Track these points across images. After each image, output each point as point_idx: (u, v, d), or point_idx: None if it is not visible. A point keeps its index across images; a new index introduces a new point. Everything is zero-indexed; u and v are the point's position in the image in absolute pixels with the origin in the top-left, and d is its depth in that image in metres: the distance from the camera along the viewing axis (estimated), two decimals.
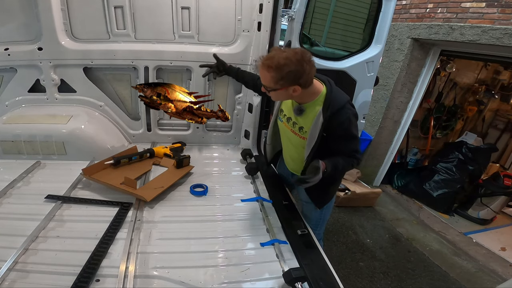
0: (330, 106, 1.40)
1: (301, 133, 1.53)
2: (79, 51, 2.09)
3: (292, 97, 1.43)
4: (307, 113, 1.48)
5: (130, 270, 1.16)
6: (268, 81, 1.34)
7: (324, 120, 1.40)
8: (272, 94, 1.40)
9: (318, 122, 1.43)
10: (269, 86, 1.36)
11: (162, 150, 2.14)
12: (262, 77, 1.37)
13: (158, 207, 1.63)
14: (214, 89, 2.43)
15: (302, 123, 1.51)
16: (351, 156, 1.51)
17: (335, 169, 1.44)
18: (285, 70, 1.28)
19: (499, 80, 4.75)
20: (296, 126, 1.55)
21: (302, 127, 1.52)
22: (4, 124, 1.98)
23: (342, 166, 1.50)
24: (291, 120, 1.57)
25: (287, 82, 1.31)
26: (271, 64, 1.29)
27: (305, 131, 1.51)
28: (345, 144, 1.49)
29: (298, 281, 1.15)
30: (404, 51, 3.72)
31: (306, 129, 1.50)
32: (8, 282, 1.08)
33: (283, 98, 1.48)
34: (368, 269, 2.81)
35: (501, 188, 3.78)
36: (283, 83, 1.32)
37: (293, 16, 2.28)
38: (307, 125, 1.49)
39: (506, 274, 2.92)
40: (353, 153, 1.51)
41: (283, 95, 1.40)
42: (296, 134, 1.56)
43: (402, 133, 4.16)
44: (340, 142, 1.47)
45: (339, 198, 3.65)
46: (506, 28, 2.75)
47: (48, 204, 1.53)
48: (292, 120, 1.56)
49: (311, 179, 1.37)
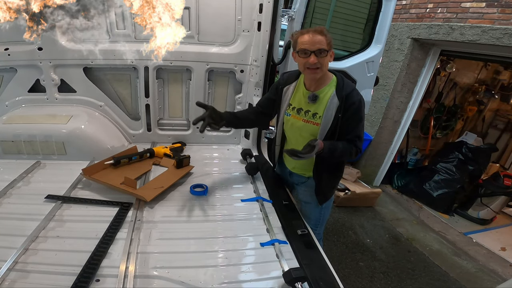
0: (344, 87, 1.53)
1: (315, 119, 1.58)
2: (79, 51, 2.09)
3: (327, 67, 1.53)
4: (321, 99, 1.56)
5: (130, 270, 1.16)
6: (324, 43, 1.46)
7: (339, 101, 1.51)
8: (324, 58, 1.48)
9: (332, 103, 1.52)
10: (325, 48, 1.46)
11: (162, 150, 2.14)
12: (318, 41, 1.45)
13: (158, 207, 1.63)
14: (214, 89, 2.42)
15: (315, 109, 1.58)
16: (353, 142, 1.58)
17: (332, 152, 1.53)
18: (329, 34, 1.47)
19: (499, 80, 4.75)
20: (309, 113, 1.60)
21: (316, 113, 1.58)
22: (4, 124, 1.98)
23: (341, 151, 1.56)
24: (302, 110, 1.62)
25: (332, 45, 1.49)
26: (322, 29, 1.47)
27: (319, 116, 1.57)
28: (352, 127, 1.56)
29: (298, 281, 1.14)
30: (404, 51, 3.72)
31: (320, 114, 1.57)
32: (8, 282, 1.07)
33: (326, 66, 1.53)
34: (368, 269, 2.81)
35: (501, 188, 3.78)
36: (331, 46, 1.48)
37: (293, 16, 2.28)
38: (321, 110, 1.56)
39: (506, 274, 2.92)
40: (355, 139, 1.57)
41: (328, 59, 1.50)
42: (309, 122, 1.61)
43: (402, 133, 4.16)
44: (348, 123, 1.54)
45: (339, 198, 3.65)
46: (506, 28, 2.75)
47: (48, 204, 1.52)
48: (304, 110, 1.62)
49: (303, 155, 1.44)
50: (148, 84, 2.28)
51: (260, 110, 1.82)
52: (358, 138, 1.58)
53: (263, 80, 2.27)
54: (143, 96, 2.31)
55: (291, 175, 1.90)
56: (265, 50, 2.19)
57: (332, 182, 1.80)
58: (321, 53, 1.45)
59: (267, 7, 2.09)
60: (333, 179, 1.79)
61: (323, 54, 1.46)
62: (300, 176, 1.82)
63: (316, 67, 1.47)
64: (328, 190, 1.81)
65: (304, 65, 1.50)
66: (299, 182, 1.85)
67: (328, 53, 1.48)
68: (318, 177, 1.72)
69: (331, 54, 1.51)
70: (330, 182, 1.78)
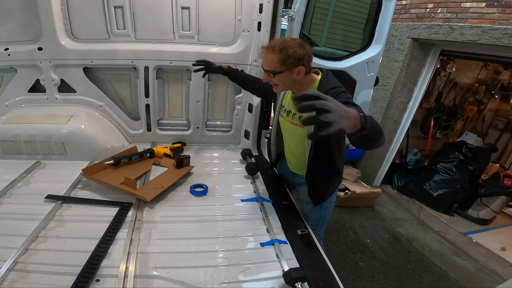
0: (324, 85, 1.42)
1: (300, 122, 1.55)
2: (79, 51, 2.09)
3: (295, 82, 1.44)
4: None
5: (130, 270, 1.16)
6: (274, 63, 1.36)
7: None
8: (277, 78, 1.40)
9: None
10: (275, 69, 1.38)
11: (162, 150, 2.14)
12: (267, 62, 1.38)
13: (158, 207, 1.63)
14: (214, 89, 2.42)
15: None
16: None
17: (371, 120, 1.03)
18: (289, 51, 1.33)
19: (499, 80, 4.76)
20: (295, 116, 1.58)
21: (301, 115, 1.54)
22: (4, 124, 1.98)
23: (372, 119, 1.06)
24: (291, 112, 1.61)
25: (292, 63, 1.35)
26: (276, 46, 1.34)
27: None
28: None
29: (298, 281, 1.14)
30: (404, 51, 3.72)
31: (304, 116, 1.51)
32: (8, 282, 1.07)
33: (287, 83, 1.46)
34: (368, 269, 2.81)
35: (501, 188, 3.78)
36: (288, 64, 1.35)
37: (293, 16, 2.28)
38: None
39: (506, 274, 2.92)
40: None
41: (288, 78, 1.41)
42: (296, 125, 1.59)
43: (402, 133, 4.16)
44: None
45: (339, 198, 3.65)
46: (506, 28, 2.75)
47: (48, 204, 1.52)
48: (292, 112, 1.60)
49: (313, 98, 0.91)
50: (148, 84, 2.27)
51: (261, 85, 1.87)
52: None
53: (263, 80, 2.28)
54: (143, 96, 2.31)
55: (293, 175, 1.89)
56: None
57: (327, 183, 1.74)
58: (271, 74, 1.40)
59: (267, 7, 2.09)
60: (327, 180, 1.74)
61: (273, 74, 1.40)
62: (301, 177, 1.81)
63: (275, 84, 1.45)
64: (324, 191, 1.77)
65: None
66: (301, 182, 1.85)
67: (281, 73, 1.37)
68: (310, 177, 1.69)
69: (298, 71, 1.37)
70: (324, 183, 1.73)
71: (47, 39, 2.01)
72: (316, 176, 1.68)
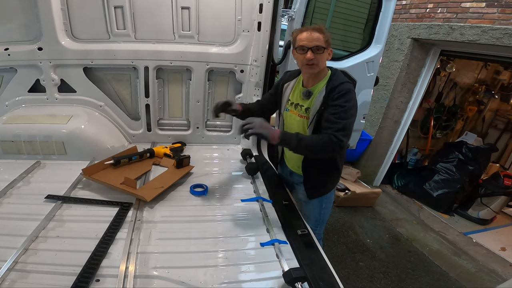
0: (333, 80, 1.55)
1: (306, 113, 1.62)
2: (79, 51, 2.09)
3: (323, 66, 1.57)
4: (314, 95, 1.59)
5: (130, 270, 1.16)
6: (321, 40, 1.49)
7: (325, 93, 1.53)
8: (320, 55, 1.51)
9: (320, 96, 1.54)
10: (322, 45, 1.50)
11: (162, 150, 2.14)
12: (315, 39, 1.49)
13: (158, 207, 1.63)
14: (214, 89, 2.42)
15: (308, 104, 1.62)
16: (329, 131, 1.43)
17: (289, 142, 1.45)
18: (328, 34, 1.52)
19: (499, 80, 4.76)
20: (302, 108, 1.64)
21: (308, 107, 1.61)
22: (4, 124, 1.98)
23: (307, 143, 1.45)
24: (298, 105, 1.67)
25: (330, 44, 1.53)
26: (321, 28, 1.51)
27: (310, 110, 1.60)
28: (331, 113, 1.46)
29: (298, 281, 1.14)
30: (404, 51, 3.72)
31: (311, 108, 1.60)
32: (8, 282, 1.07)
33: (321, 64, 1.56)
34: (368, 269, 2.81)
35: (501, 188, 3.78)
36: (328, 44, 1.52)
37: (293, 16, 2.28)
38: (312, 104, 1.59)
39: (506, 274, 2.92)
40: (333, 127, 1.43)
41: (325, 57, 1.54)
42: (302, 117, 1.64)
43: (402, 133, 4.16)
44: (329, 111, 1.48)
45: (339, 198, 3.66)
46: (506, 28, 2.75)
47: (48, 204, 1.52)
48: (300, 104, 1.66)
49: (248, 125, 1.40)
50: (148, 84, 2.28)
51: (264, 103, 1.90)
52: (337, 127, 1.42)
53: (263, 80, 2.28)
54: (143, 96, 2.31)
55: (291, 174, 1.90)
56: (265, 50, 2.19)
57: (323, 178, 1.78)
58: (318, 50, 1.49)
59: (267, 7, 2.10)
60: (323, 176, 1.77)
61: (320, 51, 1.50)
62: (299, 176, 1.82)
63: (313, 63, 1.51)
64: (320, 186, 1.80)
65: (302, 62, 1.54)
66: (299, 181, 1.85)
67: (325, 50, 1.51)
68: (305, 171, 1.76)
69: (329, 52, 1.55)
70: (320, 178, 1.77)
71: (47, 39, 2.01)
72: (309, 169, 1.74)
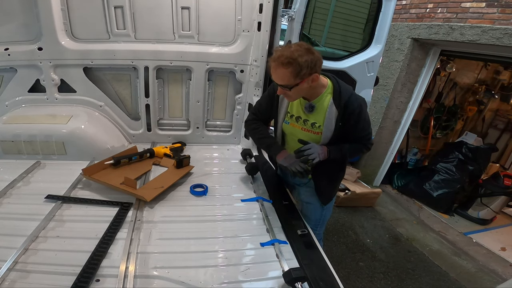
0: (340, 94, 1.44)
1: (314, 128, 1.56)
2: (79, 51, 2.09)
3: (309, 89, 1.41)
4: (318, 108, 1.51)
5: (130, 270, 1.16)
6: (287, 78, 1.30)
7: (337, 109, 1.45)
8: (293, 92, 1.36)
9: (331, 113, 1.47)
10: (289, 84, 1.32)
11: (162, 150, 2.14)
12: (280, 77, 1.32)
13: (158, 207, 1.63)
14: (214, 89, 2.42)
15: (314, 119, 1.54)
16: (361, 141, 1.59)
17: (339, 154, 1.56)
18: (300, 61, 1.26)
19: (499, 80, 4.76)
20: (308, 123, 1.57)
21: (314, 122, 1.54)
22: (4, 124, 1.98)
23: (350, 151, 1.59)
24: (301, 119, 1.58)
25: (307, 72, 1.29)
26: (285, 60, 1.27)
27: (318, 126, 1.54)
28: (359, 129, 1.54)
29: (298, 281, 1.14)
30: (404, 51, 3.72)
31: (319, 123, 1.53)
32: (8, 282, 1.07)
33: (303, 94, 1.44)
34: (368, 269, 2.81)
35: (501, 188, 3.78)
36: (302, 75, 1.30)
37: (293, 16, 2.28)
38: (320, 119, 1.52)
39: (506, 274, 2.92)
40: (364, 138, 1.59)
41: (303, 89, 1.38)
42: (309, 131, 1.58)
43: (402, 133, 4.16)
44: (354, 129, 1.52)
45: (339, 198, 3.65)
46: (506, 28, 2.75)
47: (48, 204, 1.52)
48: (303, 118, 1.57)
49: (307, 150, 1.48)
50: (148, 84, 2.27)
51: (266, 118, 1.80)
52: (367, 137, 1.59)
53: (263, 80, 2.28)
54: (143, 96, 2.31)
55: (294, 177, 1.89)
56: (265, 50, 2.19)
57: (334, 182, 1.80)
58: (285, 88, 1.36)
59: (267, 7, 2.09)
60: (334, 180, 1.79)
61: (287, 89, 1.36)
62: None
63: (289, 96, 1.43)
64: (331, 190, 1.80)
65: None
66: (301, 183, 1.85)
67: (297, 86, 1.33)
68: (317, 178, 1.72)
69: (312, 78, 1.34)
70: (331, 182, 1.78)
71: (47, 39, 2.01)
72: (322, 176, 1.71)
